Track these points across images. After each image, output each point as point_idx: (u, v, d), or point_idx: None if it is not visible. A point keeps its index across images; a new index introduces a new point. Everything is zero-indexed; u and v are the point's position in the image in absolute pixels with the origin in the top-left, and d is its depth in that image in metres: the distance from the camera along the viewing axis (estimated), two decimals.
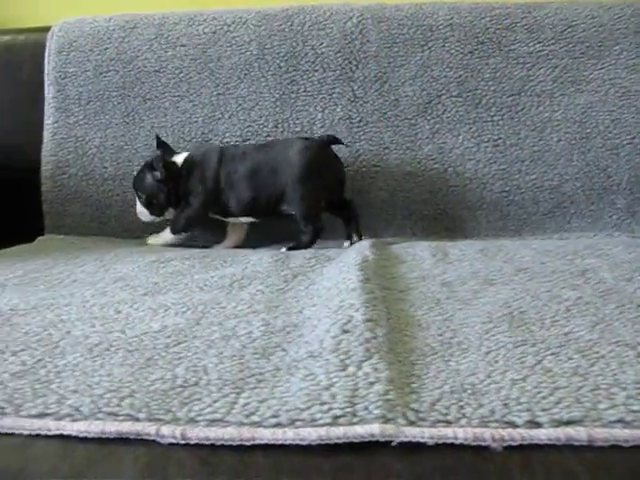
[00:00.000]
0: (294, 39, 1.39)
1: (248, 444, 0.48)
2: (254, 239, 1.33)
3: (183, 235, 1.31)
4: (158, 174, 1.27)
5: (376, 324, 0.68)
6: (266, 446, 0.48)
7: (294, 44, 1.39)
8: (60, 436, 0.51)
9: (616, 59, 1.35)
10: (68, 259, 1.09)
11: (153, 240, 1.32)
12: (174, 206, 1.31)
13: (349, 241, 1.25)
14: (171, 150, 1.33)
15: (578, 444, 0.48)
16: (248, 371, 0.59)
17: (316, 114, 1.37)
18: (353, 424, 0.49)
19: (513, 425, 0.49)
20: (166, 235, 1.31)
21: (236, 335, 0.69)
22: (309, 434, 0.48)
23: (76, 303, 0.82)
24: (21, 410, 0.53)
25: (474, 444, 0.48)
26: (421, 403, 0.52)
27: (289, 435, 0.49)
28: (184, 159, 1.30)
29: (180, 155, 1.31)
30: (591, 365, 0.60)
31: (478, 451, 0.48)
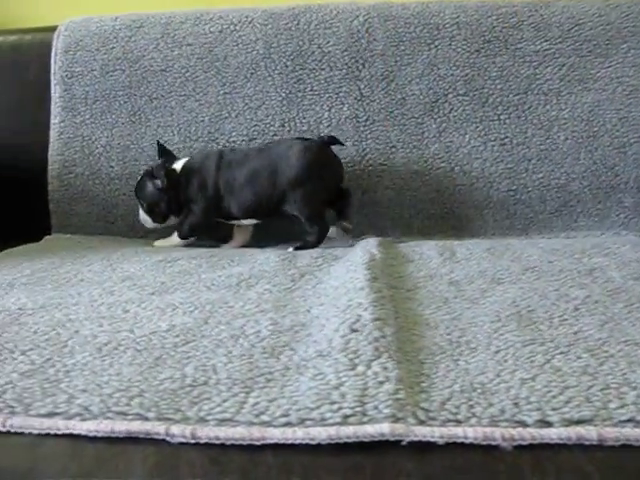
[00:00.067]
0: (300, 38, 1.39)
1: (258, 443, 0.48)
2: (261, 239, 1.32)
3: (190, 239, 1.31)
4: (159, 182, 1.26)
5: (384, 323, 0.68)
6: (276, 445, 0.48)
7: (300, 43, 1.39)
8: (69, 435, 0.51)
9: (623, 57, 1.34)
10: (75, 258, 1.09)
11: (160, 243, 1.32)
12: (176, 214, 1.30)
13: (335, 228, 1.25)
14: (173, 156, 1.32)
15: (588, 443, 0.48)
16: (257, 370, 0.59)
17: (323, 113, 1.37)
18: (363, 423, 0.49)
19: (523, 424, 0.49)
20: (173, 239, 1.31)
21: (244, 334, 0.69)
22: (319, 433, 0.48)
23: (84, 302, 0.82)
24: (30, 409, 0.53)
25: (484, 443, 0.48)
26: (431, 402, 0.52)
27: (299, 434, 0.49)
28: (182, 166, 1.28)
29: (179, 162, 1.30)
30: (600, 364, 0.60)
31: (488, 450, 0.48)
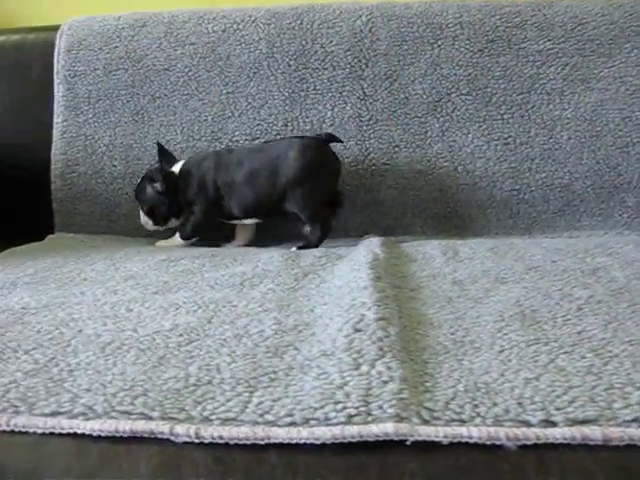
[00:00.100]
0: (303, 37, 1.39)
1: (262, 443, 0.48)
2: (263, 238, 1.33)
3: (193, 240, 1.31)
4: (158, 186, 1.26)
5: (388, 323, 0.68)
6: (280, 445, 0.48)
7: (303, 42, 1.39)
8: (73, 435, 0.51)
9: (627, 57, 1.34)
10: (78, 257, 1.10)
11: (162, 244, 1.32)
12: (176, 216, 1.31)
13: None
14: (172, 158, 1.32)
15: (593, 443, 0.48)
16: (261, 370, 0.59)
17: (326, 112, 1.37)
18: (367, 423, 0.49)
19: (527, 424, 0.49)
20: (176, 240, 1.31)
21: (248, 334, 0.69)
22: (323, 433, 0.48)
23: (87, 302, 0.82)
24: (34, 408, 0.53)
25: (488, 443, 0.48)
26: (435, 402, 0.52)
27: (303, 434, 0.49)
28: (180, 168, 1.28)
29: (177, 164, 1.30)
30: (605, 364, 0.60)
31: (492, 450, 0.48)
